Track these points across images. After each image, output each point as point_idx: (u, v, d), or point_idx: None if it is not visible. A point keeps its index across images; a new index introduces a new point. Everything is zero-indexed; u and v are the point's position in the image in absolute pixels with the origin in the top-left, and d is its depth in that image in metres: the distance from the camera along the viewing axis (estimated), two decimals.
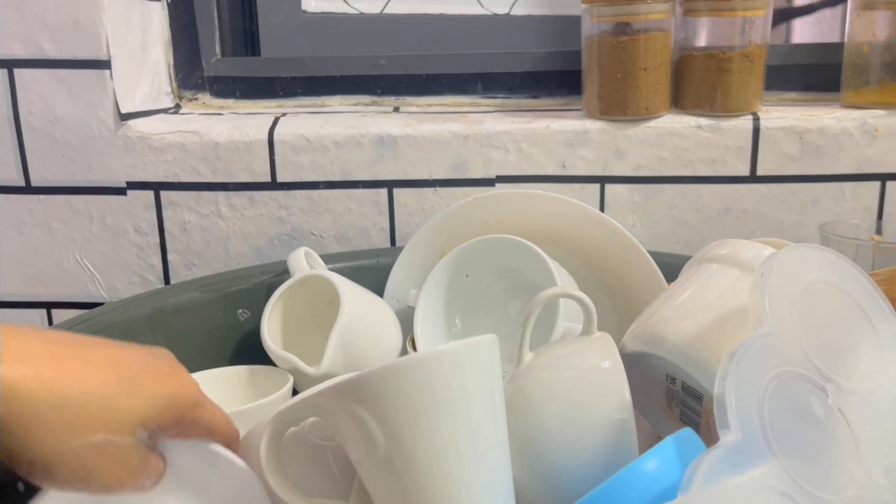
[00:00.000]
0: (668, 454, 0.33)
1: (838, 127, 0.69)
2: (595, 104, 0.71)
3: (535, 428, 0.43)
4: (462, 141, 0.71)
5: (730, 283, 0.44)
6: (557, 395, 0.43)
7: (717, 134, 0.70)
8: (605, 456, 0.41)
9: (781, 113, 0.71)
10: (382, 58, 0.81)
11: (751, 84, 0.70)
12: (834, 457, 0.33)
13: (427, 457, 0.35)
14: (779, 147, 0.69)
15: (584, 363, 0.45)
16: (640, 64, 0.68)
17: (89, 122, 0.72)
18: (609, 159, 0.71)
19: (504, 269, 0.62)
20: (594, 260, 0.63)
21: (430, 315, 0.61)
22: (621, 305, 0.63)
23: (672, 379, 0.44)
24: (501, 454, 0.39)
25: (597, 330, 0.46)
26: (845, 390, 0.35)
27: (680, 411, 0.45)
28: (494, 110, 0.78)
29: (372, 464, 0.37)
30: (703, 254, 0.48)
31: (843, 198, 0.70)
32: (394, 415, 0.35)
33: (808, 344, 0.35)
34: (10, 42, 0.70)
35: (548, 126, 0.71)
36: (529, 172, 0.72)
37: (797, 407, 0.33)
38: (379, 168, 0.72)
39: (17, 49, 0.70)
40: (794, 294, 0.37)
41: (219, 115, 0.78)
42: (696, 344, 0.42)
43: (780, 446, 0.31)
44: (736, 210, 0.71)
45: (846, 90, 0.73)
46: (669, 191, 0.71)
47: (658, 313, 0.46)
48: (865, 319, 0.38)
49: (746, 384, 0.32)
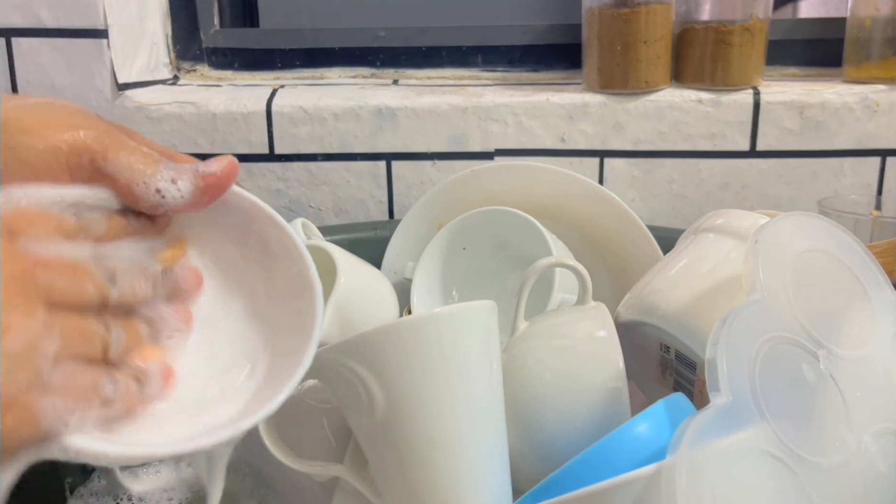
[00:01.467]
0: (659, 417, 0.33)
1: (839, 102, 0.68)
2: (595, 77, 0.71)
3: (529, 396, 0.43)
4: (461, 114, 0.71)
5: (724, 253, 0.44)
6: (551, 363, 0.44)
7: (717, 108, 0.69)
8: (599, 424, 0.41)
9: (782, 87, 0.70)
10: (382, 30, 0.80)
11: (752, 58, 0.69)
12: (824, 422, 0.33)
13: (424, 417, 0.36)
14: (779, 122, 0.69)
15: (579, 332, 0.45)
16: (641, 37, 0.68)
17: (87, 92, 0.72)
18: (608, 133, 0.70)
19: (501, 242, 0.62)
20: (592, 234, 0.63)
21: (427, 287, 0.61)
22: (618, 279, 0.63)
23: (666, 348, 0.45)
24: (497, 418, 0.39)
25: (592, 300, 0.46)
26: (837, 356, 0.35)
27: (674, 380, 0.46)
28: (494, 83, 0.78)
29: (370, 425, 0.37)
30: (699, 224, 0.48)
31: (843, 173, 0.70)
32: (393, 374, 0.36)
33: (800, 310, 0.35)
34: (7, 11, 0.70)
35: (547, 99, 0.70)
36: (528, 146, 0.71)
37: (788, 372, 0.33)
38: (378, 140, 0.72)
39: (14, 18, 0.70)
40: (787, 261, 0.37)
41: (217, 87, 0.78)
42: (690, 312, 0.42)
43: (770, 410, 0.31)
44: (735, 185, 0.71)
45: (848, 65, 0.72)
46: (669, 165, 0.71)
47: (653, 283, 0.46)
48: (858, 286, 0.38)
49: (738, 348, 0.32)
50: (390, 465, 0.36)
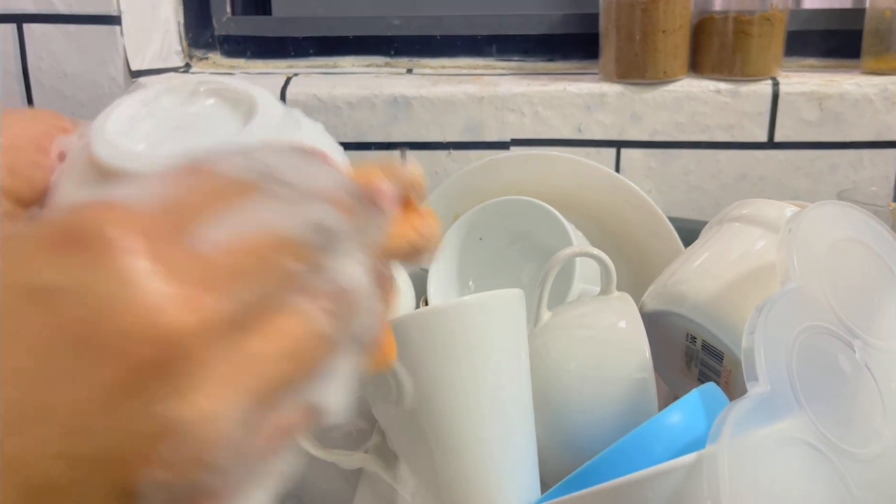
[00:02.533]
0: (694, 407, 0.33)
1: (859, 93, 0.68)
2: (612, 67, 0.70)
3: (554, 387, 0.43)
4: (477, 103, 0.70)
5: (752, 242, 0.43)
6: (576, 354, 0.43)
7: (735, 99, 0.69)
8: (625, 415, 0.41)
9: (801, 78, 0.70)
10: (396, 18, 0.80)
11: (771, 49, 0.69)
12: (860, 412, 0.33)
13: (452, 406, 0.35)
14: (798, 113, 0.69)
15: (603, 322, 0.44)
16: (660, 26, 0.67)
17: (99, 79, 0.71)
18: (626, 124, 0.70)
19: (518, 233, 0.61)
20: (611, 225, 0.62)
21: (444, 278, 0.61)
22: (637, 271, 0.62)
23: (692, 338, 0.44)
24: (526, 407, 0.39)
25: (616, 290, 0.46)
26: (872, 347, 0.35)
27: (699, 371, 0.45)
28: (510, 73, 0.77)
29: (398, 414, 0.36)
30: (725, 213, 0.47)
31: (862, 165, 0.69)
32: (423, 363, 0.35)
33: (835, 300, 0.35)
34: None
35: (564, 89, 0.70)
36: (545, 136, 0.71)
37: (824, 362, 0.33)
38: (392, 130, 0.72)
39: (26, 3, 0.69)
40: (821, 250, 0.36)
41: (229, 75, 0.77)
42: (718, 302, 0.41)
43: (807, 399, 0.31)
44: (752, 177, 0.70)
45: (867, 56, 0.72)
46: (686, 156, 0.70)
47: (678, 273, 0.45)
48: (891, 276, 0.38)
49: (774, 338, 0.32)
50: (419, 455, 0.36)
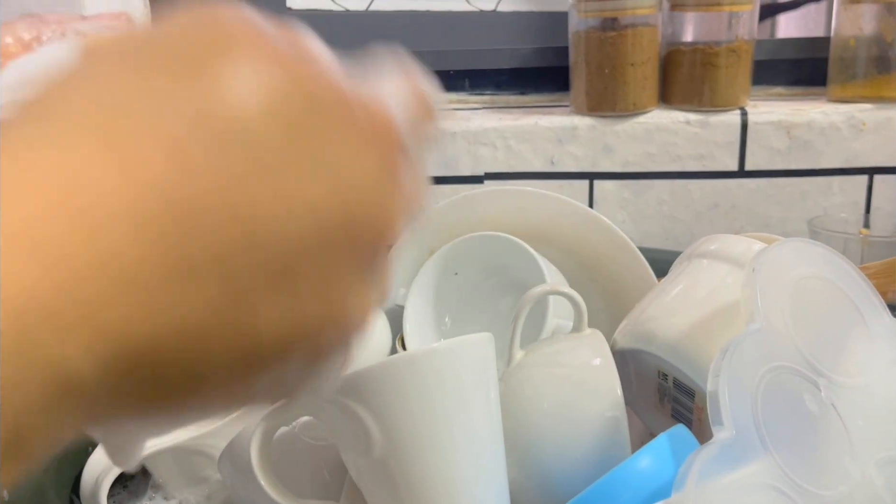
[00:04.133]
0: (662, 451, 0.33)
1: (826, 121, 0.69)
2: (583, 100, 0.71)
3: (527, 426, 0.43)
4: (450, 138, 0.71)
5: (720, 279, 0.43)
6: (549, 392, 0.43)
7: (705, 129, 0.69)
8: (598, 454, 0.41)
9: (769, 107, 0.71)
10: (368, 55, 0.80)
11: (738, 79, 0.70)
12: (828, 452, 0.33)
13: (423, 455, 0.35)
14: (767, 141, 0.69)
15: (575, 360, 0.44)
16: (628, 59, 0.68)
17: None
18: (598, 155, 0.71)
19: (493, 267, 0.61)
20: (585, 257, 0.63)
21: (420, 314, 0.61)
22: (612, 302, 0.62)
23: (663, 375, 0.44)
24: (497, 450, 0.38)
25: (587, 327, 0.46)
26: (838, 385, 0.35)
27: (672, 407, 0.45)
28: (482, 107, 0.78)
29: (367, 464, 0.36)
30: (693, 249, 0.48)
31: (832, 192, 0.70)
32: (392, 412, 0.35)
33: (800, 339, 0.35)
34: None
35: (536, 123, 0.70)
36: (518, 169, 0.71)
37: (790, 402, 0.33)
38: None
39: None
40: (785, 289, 0.36)
41: None
42: (687, 340, 0.42)
43: (773, 442, 0.31)
44: (725, 205, 0.71)
45: (833, 84, 0.73)
46: (658, 186, 0.71)
47: (648, 310, 0.45)
48: (857, 313, 0.38)
49: (739, 380, 0.32)
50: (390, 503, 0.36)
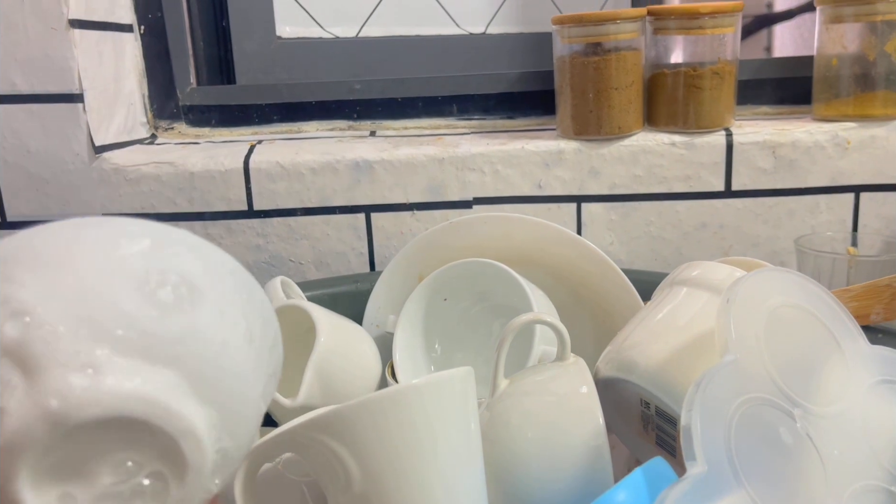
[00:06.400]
0: (637, 486, 0.33)
1: (810, 140, 0.69)
2: (569, 124, 0.72)
3: (511, 455, 0.43)
4: (438, 164, 0.71)
5: (700, 307, 0.44)
6: (533, 421, 0.43)
7: (690, 150, 0.70)
8: (580, 483, 0.41)
9: (754, 128, 0.71)
10: (358, 82, 0.81)
11: (722, 100, 0.70)
12: (803, 484, 0.33)
13: (403, 492, 0.35)
14: (752, 161, 0.70)
15: (559, 389, 0.45)
16: (612, 83, 0.69)
17: (63, 155, 0.72)
18: (584, 178, 0.71)
19: (481, 293, 0.62)
20: (572, 281, 0.63)
21: (409, 341, 0.61)
22: (599, 325, 0.63)
23: (646, 403, 0.44)
24: (478, 484, 0.39)
25: (571, 354, 0.46)
26: (813, 414, 0.35)
27: (656, 435, 0.45)
28: (470, 132, 0.79)
29: (348, 499, 0.36)
30: (675, 276, 0.48)
31: (818, 210, 0.71)
32: (370, 449, 0.35)
33: (775, 369, 0.35)
34: None
35: (522, 147, 0.71)
36: (506, 193, 0.72)
37: (765, 434, 0.33)
38: (356, 193, 0.72)
39: None
40: (760, 319, 0.37)
41: (195, 144, 0.78)
42: (668, 369, 0.42)
43: (747, 475, 0.31)
44: (712, 225, 0.71)
45: (818, 103, 0.74)
46: (646, 208, 0.71)
47: (630, 337, 0.46)
48: (832, 340, 0.38)
49: (712, 413, 0.32)
50: None
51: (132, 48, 0.78)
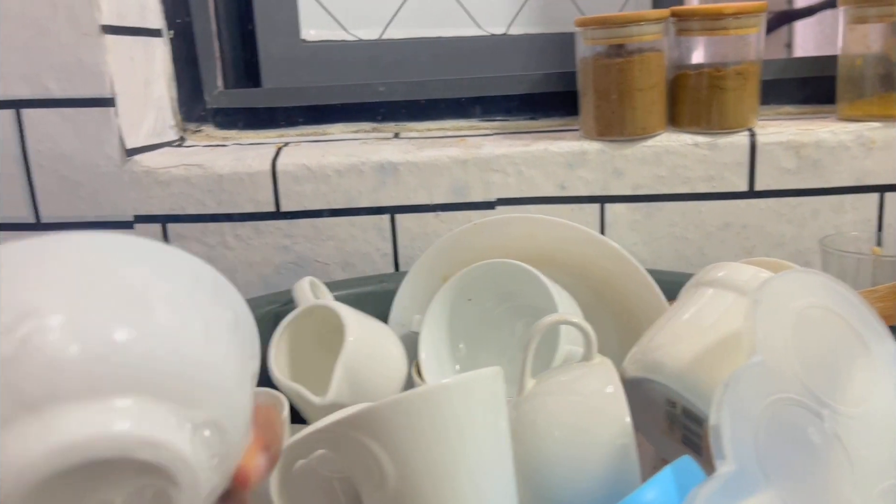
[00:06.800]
0: (667, 484, 0.34)
1: (835, 140, 0.69)
2: (592, 125, 0.72)
3: (539, 454, 0.43)
4: (461, 166, 0.72)
5: (726, 308, 0.44)
6: (560, 421, 0.44)
7: (714, 151, 0.70)
8: (608, 482, 0.42)
9: (778, 128, 0.71)
10: (382, 85, 0.82)
11: (746, 100, 0.70)
12: (831, 484, 0.33)
13: (435, 488, 0.36)
14: (776, 162, 0.70)
15: (585, 389, 0.45)
16: (636, 84, 0.69)
17: (96, 158, 0.74)
18: (608, 179, 0.71)
19: (506, 293, 0.62)
20: (596, 282, 0.64)
21: (435, 340, 0.62)
22: (623, 326, 0.63)
23: (672, 403, 0.45)
24: (508, 482, 0.39)
25: (597, 354, 0.47)
26: (841, 415, 0.35)
27: (682, 434, 0.46)
28: (493, 133, 0.79)
29: (381, 496, 0.37)
30: (701, 277, 0.49)
31: (843, 210, 0.70)
32: (404, 447, 0.36)
33: (802, 369, 0.36)
34: (16, 83, 0.72)
35: (546, 148, 0.72)
36: (529, 194, 0.72)
37: (793, 434, 0.34)
38: (380, 194, 0.73)
39: (23, 90, 0.72)
40: (787, 320, 0.37)
41: (223, 147, 0.79)
42: (694, 369, 0.42)
43: (776, 475, 0.31)
44: (736, 225, 0.72)
45: (842, 103, 0.73)
46: (669, 208, 0.72)
47: (656, 338, 0.46)
48: (859, 341, 0.38)
49: (741, 413, 0.33)
50: None
51: (161, 52, 0.80)
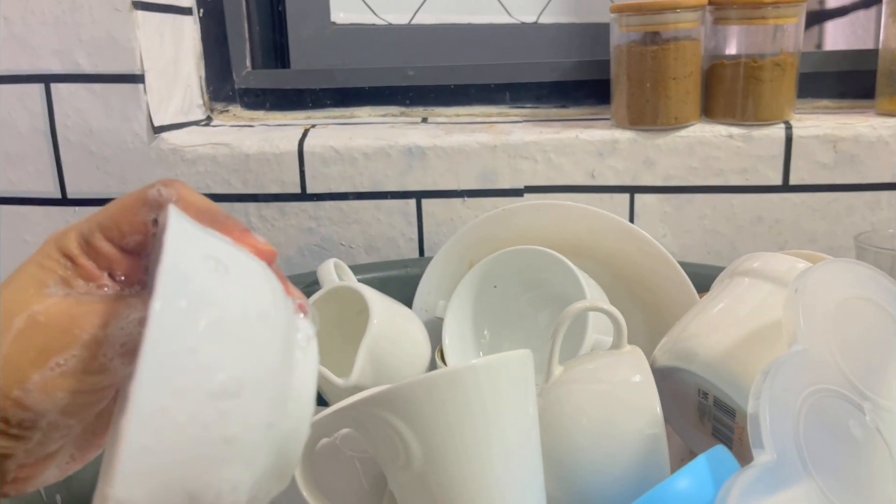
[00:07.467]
0: (701, 473, 0.33)
1: (873, 135, 0.68)
2: (624, 114, 0.71)
3: (566, 442, 0.43)
4: (490, 151, 0.71)
5: (762, 298, 0.43)
6: (587, 409, 0.43)
7: (748, 143, 0.69)
8: (637, 471, 0.41)
9: (815, 121, 0.70)
10: (411, 69, 0.81)
11: (783, 92, 0.69)
12: (872, 478, 0.32)
13: (462, 470, 0.36)
14: (812, 156, 0.68)
15: (615, 377, 0.44)
16: (670, 73, 0.68)
17: (123, 135, 0.74)
18: (638, 169, 0.70)
19: (532, 281, 0.62)
20: (624, 271, 0.63)
21: (459, 326, 0.61)
22: (652, 318, 0.62)
23: (704, 394, 0.44)
24: (535, 467, 0.39)
25: (627, 343, 0.46)
26: (883, 409, 0.34)
27: (712, 426, 0.45)
28: (523, 120, 0.78)
29: (406, 477, 0.37)
30: (735, 267, 0.47)
31: (879, 206, 0.69)
32: (430, 428, 0.35)
33: (843, 360, 0.35)
34: (47, 57, 0.72)
35: (576, 136, 0.71)
36: (558, 182, 0.71)
37: (833, 426, 0.33)
38: (407, 179, 0.73)
39: (53, 64, 0.72)
40: (828, 310, 0.36)
41: (249, 127, 0.79)
42: (728, 359, 0.41)
43: (815, 466, 0.31)
44: (768, 219, 0.70)
45: (881, 97, 0.72)
46: (700, 200, 0.70)
47: (689, 328, 0.45)
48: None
49: (780, 402, 0.32)
50: None
51: (191, 31, 0.80)
